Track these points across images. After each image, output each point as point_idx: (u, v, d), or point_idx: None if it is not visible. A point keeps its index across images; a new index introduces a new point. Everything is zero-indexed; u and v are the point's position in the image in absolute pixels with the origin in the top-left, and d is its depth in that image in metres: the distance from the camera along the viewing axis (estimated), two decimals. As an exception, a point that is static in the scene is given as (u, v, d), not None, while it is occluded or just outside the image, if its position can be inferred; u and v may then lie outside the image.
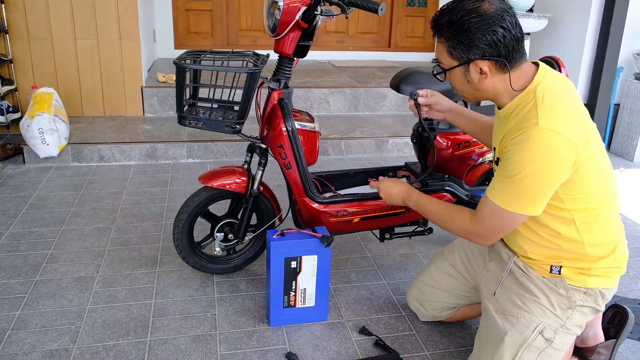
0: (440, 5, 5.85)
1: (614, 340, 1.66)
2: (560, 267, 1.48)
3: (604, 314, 1.73)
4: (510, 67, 1.38)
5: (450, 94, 2.08)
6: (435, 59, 1.50)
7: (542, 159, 1.31)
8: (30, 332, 1.80)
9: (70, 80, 3.89)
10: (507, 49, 1.35)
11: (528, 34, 4.21)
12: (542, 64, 1.43)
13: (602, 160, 1.43)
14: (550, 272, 1.49)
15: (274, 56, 1.95)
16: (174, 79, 4.14)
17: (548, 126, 1.30)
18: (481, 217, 1.46)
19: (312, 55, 5.62)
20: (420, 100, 1.80)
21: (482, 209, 1.46)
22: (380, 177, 1.86)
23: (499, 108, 1.48)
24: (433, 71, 1.51)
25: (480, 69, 1.38)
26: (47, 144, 3.23)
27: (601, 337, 1.68)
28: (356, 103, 4.36)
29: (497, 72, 1.39)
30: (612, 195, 1.46)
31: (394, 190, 1.77)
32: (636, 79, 3.88)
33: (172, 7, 5.25)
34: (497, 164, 1.47)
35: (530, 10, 4.35)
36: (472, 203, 2.17)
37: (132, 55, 3.94)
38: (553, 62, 2.02)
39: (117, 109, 4.03)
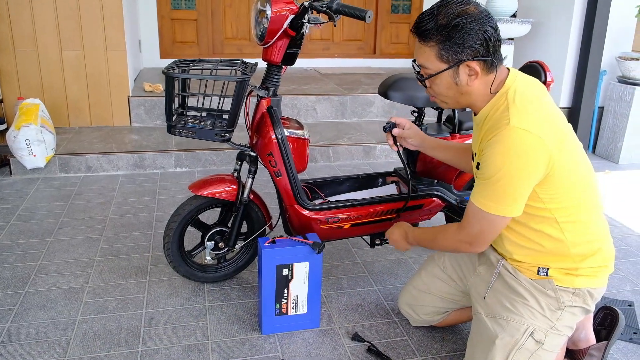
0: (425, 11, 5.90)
1: (606, 342, 1.68)
2: (547, 268, 1.50)
3: (594, 316, 1.74)
4: (497, 67, 1.42)
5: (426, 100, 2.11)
6: (415, 63, 1.51)
7: (515, 158, 1.34)
8: (20, 345, 1.78)
9: (56, 91, 3.87)
10: (494, 49, 1.40)
11: (512, 39, 4.26)
12: (512, 69, 1.48)
13: (580, 160, 1.45)
14: (538, 273, 1.51)
15: (261, 65, 1.95)
16: (161, 88, 4.15)
17: (519, 125, 1.33)
18: (465, 223, 1.49)
19: (298, 62, 5.56)
20: (395, 131, 1.88)
21: (466, 215, 1.49)
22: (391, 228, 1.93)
23: (475, 114, 1.52)
24: (417, 77, 1.53)
25: (472, 69, 1.40)
26: (34, 155, 3.21)
27: (592, 339, 1.69)
28: (343, 110, 4.38)
29: (484, 74, 1.42)
30: (593, 194, 1.48)
31: (395, 236, 1.86)
32: (619, 82, 3.95)
33: (158, 17, 5.25)
34: (477, 169, 1.50)
35: (514, 15, 4.42)
36: (461, 207, 2.20)
37: (118, 65, 3.93)
38: (538, 67, 2.06)
39: (104, 119, 4.01)
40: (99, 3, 3.77)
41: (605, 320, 1.75)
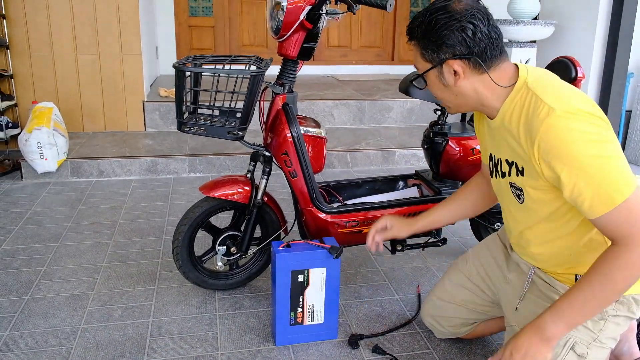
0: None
1: (650, 356, 1.53)
2: None
3: (637, 327, 1.59)
4: (486, 66, 1.28)
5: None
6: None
7: (587, 135, 1.14)
8: (18, 354, 1.68)
9: (71, 95, 3.83)
10: (479, 47, 1.26)
11: (534, 41, 4.12)
12: (520, 64, 1.34)
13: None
14: (576, 280, 1.37)
15: (274, 71, 1.85)
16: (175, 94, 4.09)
17: (566, 109, 1.17)
18: (627, 234, 1.15)
19: (315, 69, 5.56)
20: (378, 238, 1.71)
21: (616, 228, 1.16)
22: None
23: (491, 118, 1.37)
24: (410, 80, 1.43)
25: (454, 69, 1.29)
26: (46, 159, 3.14)
27: (637, 352, 1.54)
28: (361, 115, 4.26)
29: (472, 73, 1.29)
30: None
31: (519, 341, 1.27)
32: (649, 85, 3.78)
33: (175, 24, 5.22)
34: (502, 176, 1.39)
35: (536, 18, 4.28)
36: (487, 211, 2.06)
37: (133, 69, 3.87)
38: (568, 63, 1.94)
39: (119, 124, 3.95)
40: (115, 7, 3.73)
41: (650, 333, 1.60)
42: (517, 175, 1.33)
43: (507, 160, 1.37)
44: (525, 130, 1.24)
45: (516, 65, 1.34)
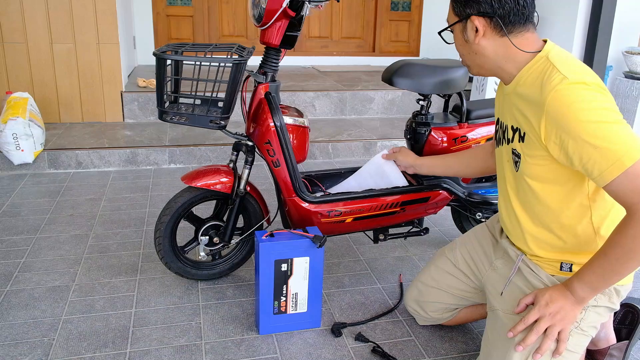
0: (425, 9, 5.82)
1: (627, 341, 1.57)
2: (571, 264, 1.38)
3: (614, 314, 1.63)
4: (506, 30, 1.32)
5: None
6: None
7: (597, 104, 1.18)
8: (-1, 347, 1.66)
9: (46, 85, 3.75)
10: (503, 9, 1.31)
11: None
12: (549, 41, 1.37)
13: None
14: (561, 269, 1.39)
15: (255, 61, 1.84)
16: (155, 82, 4.04)
17: (578, 79, 1.20)
18: (636, 200, 1.15)
19: (296, 60, 5.54)
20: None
21: (624, 192, 1.16)
22: (535, 295, 1.36)
23: (506, 84, 1.40)
24: (439, 32, 1.48)
25: (476, 26, 1.34)
26: (22, 150, 3.08)
27: (613, 338, 1.58)
28: (342, 106, 4.27)
29: (494, 34, 1.34)
30: None
31: (555, 294, 1.32)
32: (626, 77, 3.85)
33: (153, 13, 5.14)
34: (507, 142, 1.41)
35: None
36: (469, 200, 2.08)
37: (111, 59, 3.81)
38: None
39: (96, 115, 3.88)
40: (91, -5, 3.66)
41: (626, 319, 1.63)
42: (519, 141, 1.36)
43: (512, 127, 1.39)
44: (536, 95, 1.26)
45: (544, 40, 1.37)
